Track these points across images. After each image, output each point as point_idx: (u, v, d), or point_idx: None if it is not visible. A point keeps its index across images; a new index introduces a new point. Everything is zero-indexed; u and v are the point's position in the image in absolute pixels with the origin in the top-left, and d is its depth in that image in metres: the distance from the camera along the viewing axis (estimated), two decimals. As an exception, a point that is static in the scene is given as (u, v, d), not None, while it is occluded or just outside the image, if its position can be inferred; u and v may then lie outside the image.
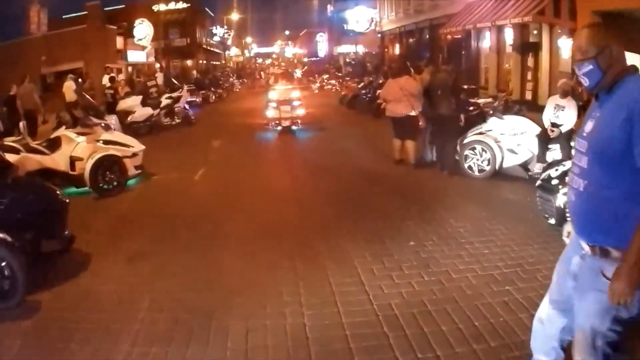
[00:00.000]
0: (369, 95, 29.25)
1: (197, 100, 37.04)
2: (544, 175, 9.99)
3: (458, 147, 14.32)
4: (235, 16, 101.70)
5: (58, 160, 13.34)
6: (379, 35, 60.37)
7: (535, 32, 28.15)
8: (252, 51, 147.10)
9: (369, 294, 7.32)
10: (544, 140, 13.31)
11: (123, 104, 24.99)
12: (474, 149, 14.07)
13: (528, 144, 13.67)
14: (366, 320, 6.63)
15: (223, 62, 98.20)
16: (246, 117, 29.74)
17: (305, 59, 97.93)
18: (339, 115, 30.43)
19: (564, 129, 13.10)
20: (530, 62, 29.16)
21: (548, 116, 13.53)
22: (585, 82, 3.96)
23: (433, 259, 8.55)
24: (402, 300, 7.13)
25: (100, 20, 44.41)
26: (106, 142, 14.27)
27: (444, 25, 36.01)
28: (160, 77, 40.01)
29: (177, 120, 26.99)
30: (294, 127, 23.34)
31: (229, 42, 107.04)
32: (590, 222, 3.96)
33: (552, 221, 9.20)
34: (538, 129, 13.65)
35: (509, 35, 31.16)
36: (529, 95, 28.89)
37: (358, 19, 64.14)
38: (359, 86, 33.51)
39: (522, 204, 11.56)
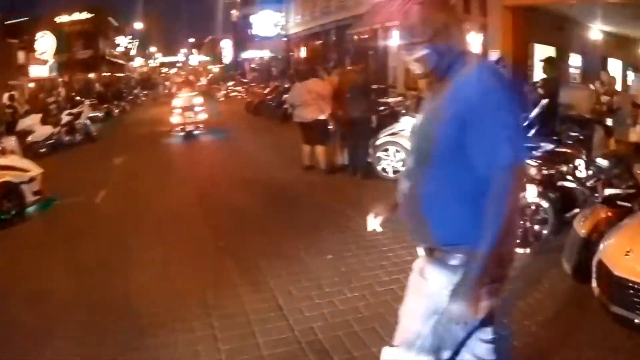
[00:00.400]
0: (276, 101, 28.95)
1: (100, 114, 35.73)
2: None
3: (370, 150, 13.94)
4: (139, 25, 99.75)
5: None
6: (285, 39, 59.57)
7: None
8: (157, 61, 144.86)
9: (288, 320, 6.75)
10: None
11: (22, 124, 23.75)
12: (386, 150, 13.72)
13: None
14: (288, 350, 6.07)
15: (128, 73, 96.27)
16: (150, 128, 29.30)
17: (211, 67, 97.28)
18: (245, 123, 30.05)
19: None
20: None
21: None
22: (417, 69, 3.29)
23: (354, 272, 8.05)
24: (325, 322, 6.61)
25: (1, 34, 42.43)
26: (0, 168, 13.18)
27: (351, 27, 35.84)
28: (63, 92, 39.39)
29: (79, 137, 25.85)
30: (196, 132, 24.71)
31: (133, 52, 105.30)
32: (419, 223, 3.45)
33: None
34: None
35: (415, 33, 30.63)
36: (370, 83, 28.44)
37: (264, 23, 63.48)
38: (265, 92, 33.20)
39: None
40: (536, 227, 8.37)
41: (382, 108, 16.38)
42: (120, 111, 41.83)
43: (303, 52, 52.37)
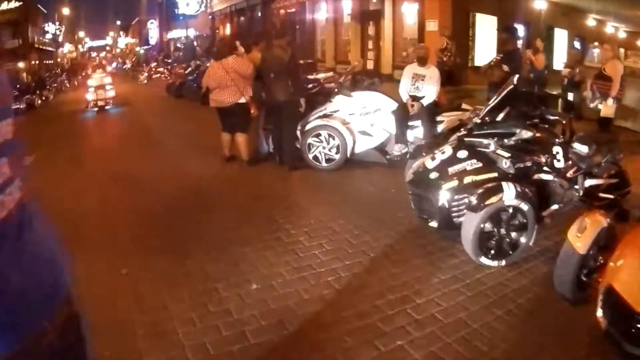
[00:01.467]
0: (198, 81, 26.17)
1: (21, 107, 33.73)
2: (415, 166, 7.80)
3: (299, 135, 11.90)
4: (66, 11, 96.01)
5: None
6: (210, 17, 57.74)
7: (368, 1, 26.48)
8: (86, 45, 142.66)
9: (178, 333, 5.42)
10: (403, 117, 11.32)
11: None
12: (318, 135, 11.65)
13: (383, 123, 11.57)
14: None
15: (58, 60, 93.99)
16: (69, 123, 26.63)
17: (138, 48, 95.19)
18: (164, 107, 27.79)
19: (425, 102, 11.19)
20: (371, 30, 27.84)
21: (406, 88, 11.54)
22: None
23: (287, 308, 6.11)
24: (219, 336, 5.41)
25: None
26: None
27: (275, 1, 34.56)
28: None
29: None
30: (107, 107, 28.21)
31: (60, 38, 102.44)
32: None
33: (434, 224, 7.31)
34: (394, 104, 11.56)
35: (347, 5, 29.71)
36: (370, 65, 27.59)
37: (188, 1, 61.51)
38: (186, 72, 30.58)
39: (384, 197, 9.67)
40: (513, 234, 6.70)
41: (310, 86, 14.06)
42: (44, 100, 39.58)
43: (228, 29, 50.60)
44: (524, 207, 6.50)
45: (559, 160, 7.07)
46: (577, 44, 29.73)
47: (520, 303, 5.87)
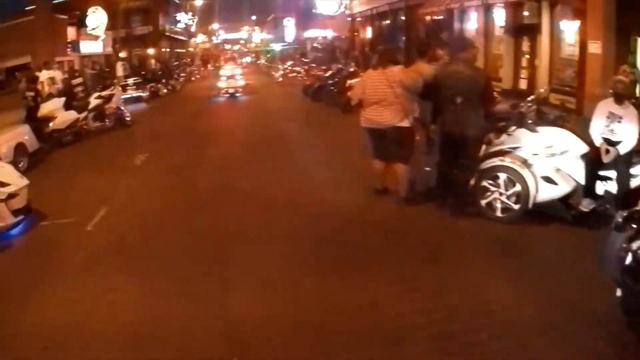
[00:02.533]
0: (338, 86, 24.85)
1: (144, 95, 33.96)
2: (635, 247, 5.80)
3: (473, 174, 9.71)
4: (199, 2, 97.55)
5: None
6: (349, 18, 56.36)
7: (526, 13, 24.46)
8: (220, 37, 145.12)
9: None
10: (594, 164, 9.17)
11: (44, 109, 20.88)
12: (496, 178, 9.50)
13: (571, 169, 9.39)
14: None
15: (191, 49, 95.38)
16: (193, 117, 26.39)
17: (272, 45, 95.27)
18: (301, 110, 26.28)
19: (622, 149, 8.95)
20: (525, 46, 25.75)
21: (599, 129, 9.29)
22: None
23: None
24: None
25: (49, 10, 40.24)
26: None
27: (421, 6, 32.74)
28: (120, 69, 37.89)
29: (110, 123, 23.07)
30: (237, 94, 33.59)
31: (193, 28, 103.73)
32: None
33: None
34: (585, 148, 9.40)
35: (500, 16, 27.45)
36: (523, 85, 25.35)
37: (327, 1, 60.29)
38: (326, 75, 29.09)
39: (575, 272, 7.43)
40: None
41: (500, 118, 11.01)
42: (170, 90, 39.73)
43: (369, 33, 49.04)
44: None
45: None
46: None
47: None
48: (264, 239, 9.36)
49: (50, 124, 20.09)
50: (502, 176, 9.43)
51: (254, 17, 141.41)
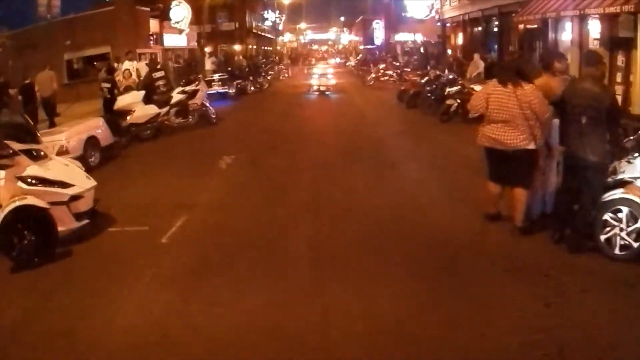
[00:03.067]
0: (435, 93, 23.86)
1: (231, 91, 33.54)
2: None
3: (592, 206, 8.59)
4: (287, 0, 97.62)
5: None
6: (439, 23, 55.43)
7: (618, 27, 23.22)
8: (307, 37, 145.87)
9: None
10: None
11: (121, 102, 20.53)
12: (617, 211, 8.40)
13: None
14: None
15: (278, 47, 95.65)
16: (282, 116, 25.58)
17: (361, 47, 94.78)
18: (396, 117, 25.13)
19: None
20: (619, 61, 24.37)
21: None
22: None
23: None
24: None
25: (130, 1, 40.62)
26: (31, 181, 9.56)
27: (514, 14, 31.40)
28: (209, 63, 39.76)
29: (192, 120, 22.40)
30: (327, 92, 35.36)
31: (280, 27, 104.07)
32: None
33: None
34: None
35: (595, 28, 26.10)
36: (618, 101, 23.76)
37: (417, 5, 59.49)
38: (422, 81, 27.54)
39: None
40: None
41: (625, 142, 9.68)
42: (257, 88, 39.09)
43: (460, 39, 48.05)
44: None
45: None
46: None
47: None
48: (367, 265, 8.50)
49: (128, 118, 19.76)
50: (625, 210, 8.35)
51: (342, 18, 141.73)
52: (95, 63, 28.30)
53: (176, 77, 30.28)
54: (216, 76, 34.41)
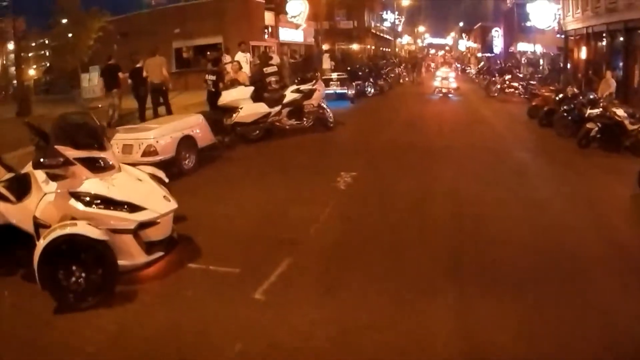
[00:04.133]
0: (572, 113, 20.94)
1: (350, 93, 31.86)
2: None
3: None
4: (406, 1, 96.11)
5: (23, 216, 7.63)
6: (559, 35, 53.79)
7: None
8: (425, 41, 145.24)
9: None
10: None
11: (225, 97, 19.01)
12: None
13: None
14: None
15: (396, 49, 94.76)
16: (408, 126, 23.46)
17: (479, 54, 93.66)
18: (527, 136, 21.88)
19: None
20: None
21: None
22: None
23: None
24: None
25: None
26: (88, 199, 7.52)
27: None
28: (327, 61, 38.64)
29: (307, 123, 20.23)
30: (449, 95, 37.64)
31: (399, 29, 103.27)
32: None
33: None
34: None
35: None
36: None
37: (540, 14, 57.67)
38: (557, 98, 24.43)
39: None
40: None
41: None
42: (377, 91, 37.35)
43: (583, 53, 46.14)
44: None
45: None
46: None
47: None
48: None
49: (234, 116, 18.32)
50: None
51: (461, 24, 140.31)
52: (207, 53, 27.02)
53: (291, 73, 28.15)
54: (334, 75, 32.55)
